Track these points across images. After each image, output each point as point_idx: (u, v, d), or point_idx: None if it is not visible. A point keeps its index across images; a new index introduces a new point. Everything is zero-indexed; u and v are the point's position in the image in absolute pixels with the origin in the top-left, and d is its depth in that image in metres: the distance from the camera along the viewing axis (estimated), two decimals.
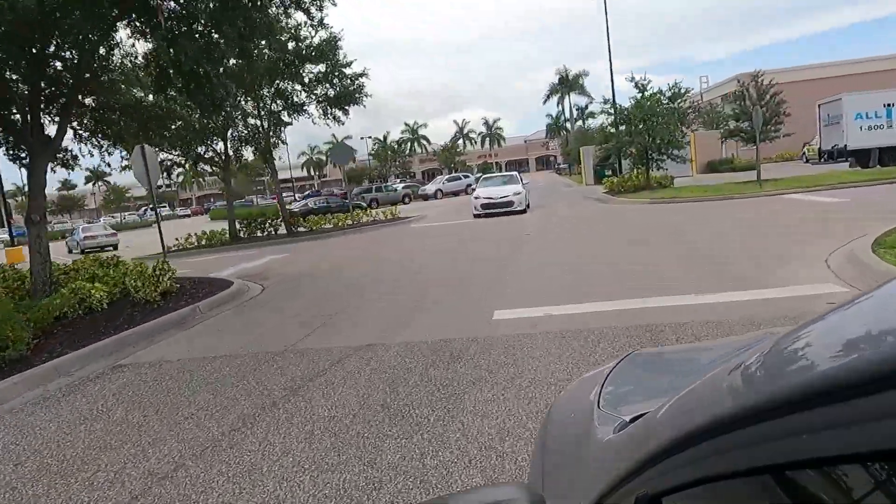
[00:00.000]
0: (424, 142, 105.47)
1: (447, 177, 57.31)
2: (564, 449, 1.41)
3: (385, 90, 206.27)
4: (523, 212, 22.40)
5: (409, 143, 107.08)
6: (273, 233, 24.13)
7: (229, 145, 24.31)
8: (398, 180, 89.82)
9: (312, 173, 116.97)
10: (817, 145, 38.25)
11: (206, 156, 24.25)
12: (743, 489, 0.71)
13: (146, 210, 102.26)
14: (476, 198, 23.43)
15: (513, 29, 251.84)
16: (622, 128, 27.11)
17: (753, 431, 0.65)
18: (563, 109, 79.10)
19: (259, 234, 24.32)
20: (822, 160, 32.59)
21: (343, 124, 24.20)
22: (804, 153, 42.70)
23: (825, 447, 0.57)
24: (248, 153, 24.95)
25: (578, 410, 1.48)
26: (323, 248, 19.00)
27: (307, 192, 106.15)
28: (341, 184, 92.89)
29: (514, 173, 25.85)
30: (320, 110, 23.35)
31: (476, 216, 22.76)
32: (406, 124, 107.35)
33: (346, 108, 23.52)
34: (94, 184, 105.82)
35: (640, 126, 26.28)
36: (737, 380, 0.76)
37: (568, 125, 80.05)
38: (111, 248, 36.11)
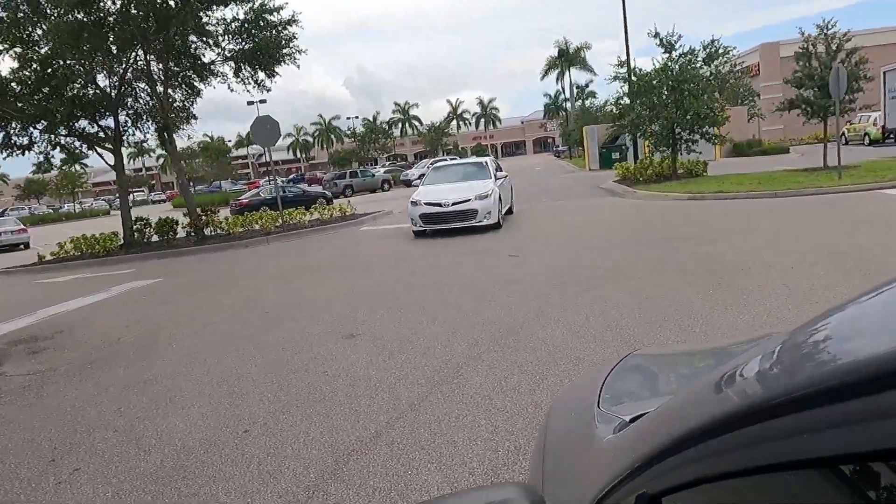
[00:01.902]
0: (416, 123, 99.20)
1: (432, 160, 50.91)
2: (564, 449, 1.40)
3: (386, 71, 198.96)
4: (497, 226, 13.78)
5: (400, 125, 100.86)
6: (172, 238, 18.00)
7: (121, 120, 18.16)
8: (388, 163, 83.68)
9: (299, 155, 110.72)
10: (872, 122, 32.18)
11: (87, 134, 18.09)
12: (743, 489, 0.72)
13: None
14: (415, 203, 14.23)
15: (511, 7, 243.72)
16: (641, 99, 20.92)
17: (753, 431, 0.64)
18: (562, 87, 72.56)
19: (158, 238, 18.18)
20: (886, 139, 26.50)
21: (269, 90, 18.00)
22: (843, 133, 36.50)
23: (825, 447, 0.57)
24: (143, 132, 18.68)
25: (578, 410, 1.48)
26: (209, 273, 12.94)
27: (292, 176, 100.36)
28: (330, 167, 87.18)
29: (485, 160, 16.48)
30: (232, 70, 17.14)
31: (418, 233, 14.30)
32: (396, 104, 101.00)
33: (272, 68, 17.26)
34: (69, 166, 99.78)
35: (666, 96, 20.12)
36: (737, 380, 0.75)
37: (567, 105, 73.72)
38: (22, 247, 30.11)
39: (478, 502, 1.19)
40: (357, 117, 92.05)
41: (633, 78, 20.85)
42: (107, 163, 18.57)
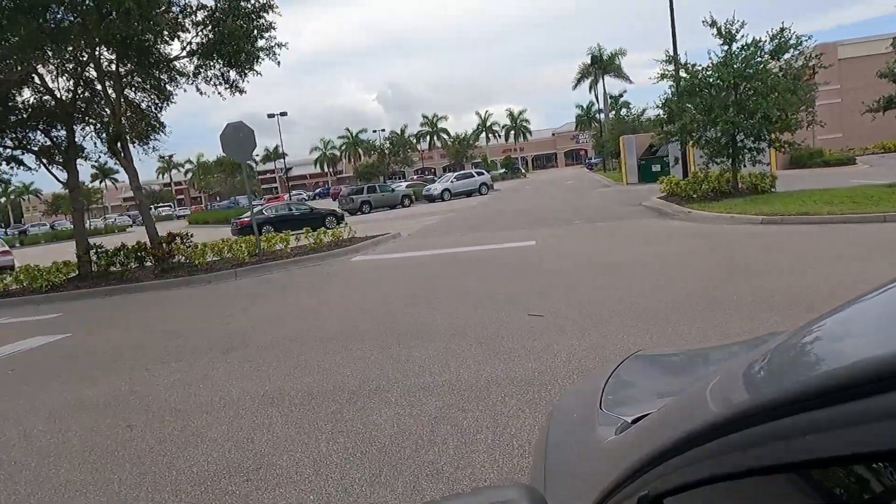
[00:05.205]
0: (445, 135, 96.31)
1: (456, 174, 47.65)
2: (566, 450, 1.40)
3: (417, 85, 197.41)
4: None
5: (427, 137, 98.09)
6: (129, 269, 15.06)
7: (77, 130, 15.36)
8: (415, 176, 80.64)
9: (326, 169, 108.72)
10: None
11: (42, 146, 15.37)
12: (744, 490, 0.72)
13: (151, 207, 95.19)
14: None
15: (541, 20, 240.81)
16: (694, 100, 17.42)
17: (755, 432, 0.64)
18: (595, 96, 68.94)
19: (117, 267, 15.25)
20: None
21: (243, 92, 14.96)
22: None
23: (827, 448, 0.57)
24: (91, 141, 15.78)
25: (580, 411, 1.48)
26: (125, 331, 9.92)
27: (318, 190, 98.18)
28: (357, 180, 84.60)
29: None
30: (192, 67, 14.19)
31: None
32: (424, 116, 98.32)
33: (243, 65, 14.22)
34: (100, 181, 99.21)
35: (725, 94, 16.62)
36: (739, 381, 0.76)
37: (601, 115, 69.99)
38: (9, 272, 27.73)
39: (480, 503, 1.11)
40: (383, 130, 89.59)
41: (685, 74, 17.38)
42: (58, 179, 15.77)
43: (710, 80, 16.63)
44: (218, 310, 10.28)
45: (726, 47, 16.55)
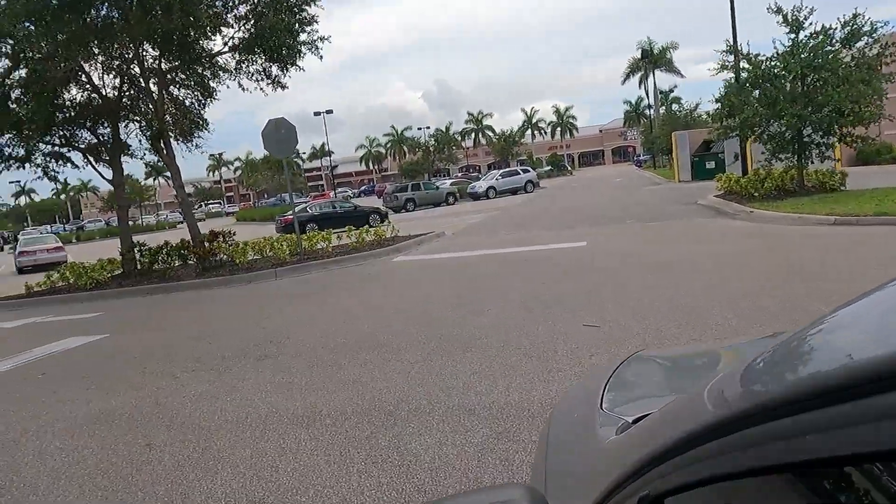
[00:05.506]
0: (490, 133, 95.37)
1: (501, 171, 46.90)
2: (567, 450, 1.39)
3: (463, 83, 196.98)
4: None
5: (472, 135, 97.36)
6: (172, 267, 14.96)
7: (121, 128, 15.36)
8: (459, 174, 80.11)
9: (371, 167, 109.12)
10: None
11: (79, 144, 15.42)
12: (745, 490, 0.72)
13: (202, 205, 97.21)
14: None
15: (587, 18, 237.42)
16: (756, 93, 16.37)
17: (756, 432, 0.64)
18: (645, 90, 67.03)
19: (160, 265, 15.14)
20: None
21: (285, 88, 14.68)
22: None
23: (827, 448, 0.56)
24: (136, 138, 15.75)
25: (581, 411, 1.48)
26: (157, 332, 9.69)
27: (363, 188, 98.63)
28: (402, 178, 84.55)
29: None
30: (234, 62, 13.93)
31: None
32: (469, 114, 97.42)
33: (285, 61, 13.91)
34: (153, 179, 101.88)
35: (791, 86, 15.56)
36: (740, 381, 0.75)
37: (650, 111, 68.14)
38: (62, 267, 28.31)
39: (481, 503, 1.12)
40: (428, 128, 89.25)
41: (746, 65, 16.35)
42: (103, 177, 15.81)
43: (775, 70, 15.57)
44: (255, 312, 9.94)
45: (793, 36, 15.47)
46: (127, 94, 15.35)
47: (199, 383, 6.02)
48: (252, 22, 13.40)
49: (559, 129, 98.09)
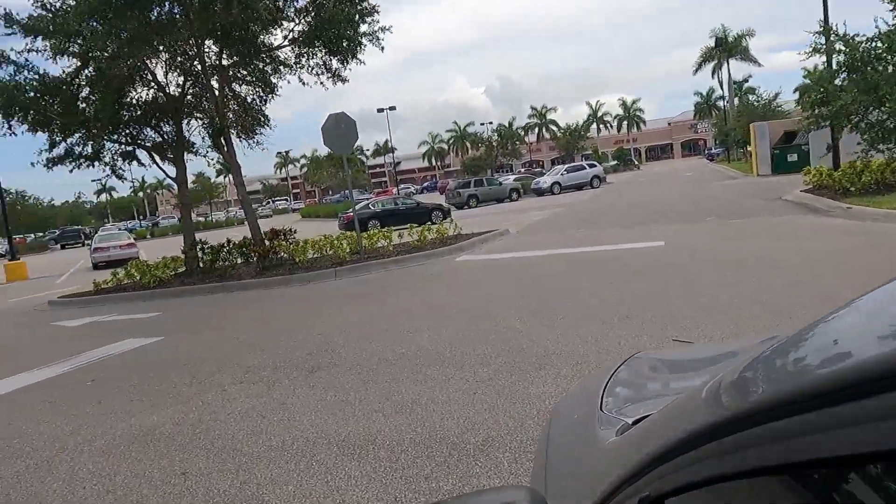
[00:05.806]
0: (554, 127, 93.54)
1: (566, 166, 45.61)
2: (567, 451, 1.39)
3: (526, 78, 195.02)
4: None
5: (536, 129, 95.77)
6: (235, 264, 14.83)
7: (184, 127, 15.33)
8: (522, 169, 78.81)
9: (434, 163, 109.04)
10: None
11: (144, 142, 15.48)
12: (745, 491, 0.71)
13: (269, 201, 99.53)
14: None
15: (653, 10, 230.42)
16: (853, 77, 14.90)
17: (756, 433, 0.63)
18: (719, 80, 64.00)
19: (221, 263, 15.03)
20: None
21: (345, 81, 14.26)
22: None
23: (828, 448, 0.56)
24: (199, 136, 15.67)
25: (581, 413, 1.46)
26: (212, 335, 9.38)
27: (426, 184, 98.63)
28: (465, 174, 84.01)
29: None
30: (294, 56, 13.58)
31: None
32: (533, 108, 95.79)
33: (346, 53, 13.48)
34: (224, 176, 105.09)
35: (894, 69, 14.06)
36: (740, 382, 0.74)
37: (723, 103, 65.14)
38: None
39: None
40: (491, 123, 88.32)
41: (841, 47, 14.90)
42: (167, 174, 15.84)
43: (877, 52, 14.11)
44: (313, 313, 9.53)
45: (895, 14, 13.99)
46: (190, 91, 15.32)
47: (247, 397, 5.56)
48: (312, 14, 13.03)
49: (626, 122, 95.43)
